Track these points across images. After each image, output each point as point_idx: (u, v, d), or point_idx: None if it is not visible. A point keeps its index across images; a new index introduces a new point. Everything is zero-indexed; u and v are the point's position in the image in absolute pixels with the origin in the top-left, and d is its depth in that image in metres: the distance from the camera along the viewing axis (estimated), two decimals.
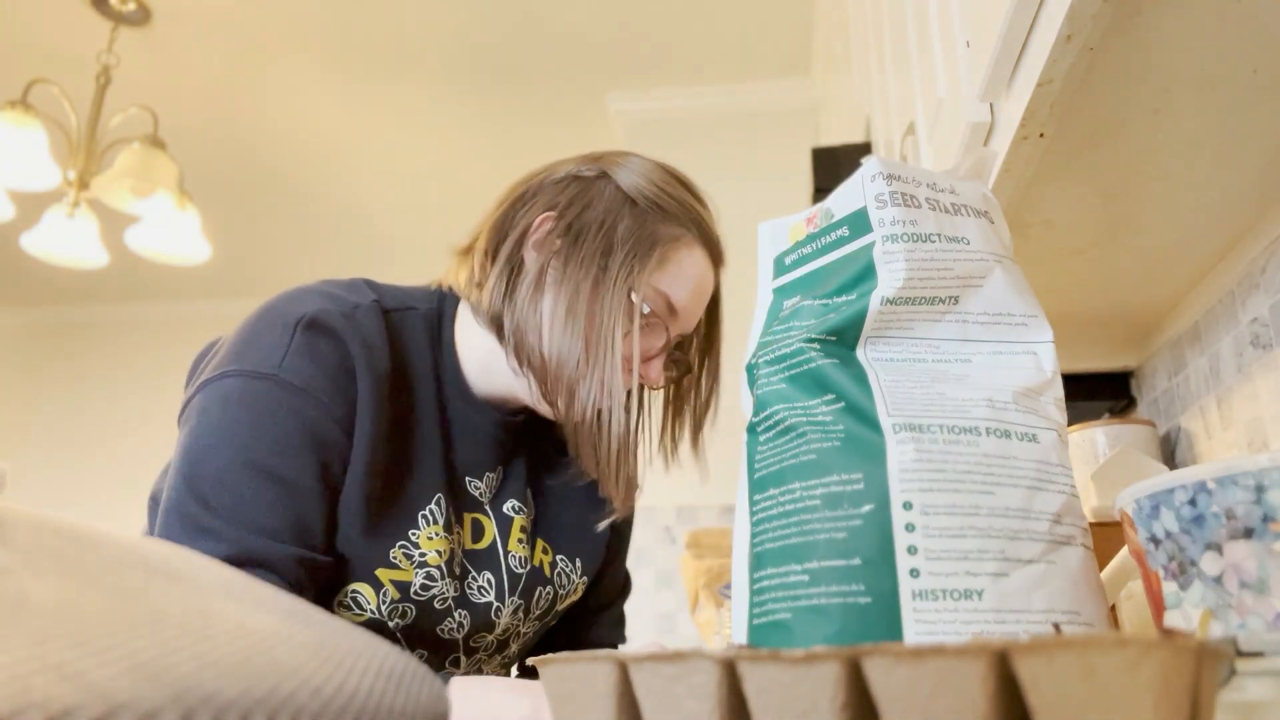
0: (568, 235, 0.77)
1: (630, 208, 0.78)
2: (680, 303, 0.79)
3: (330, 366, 0.69)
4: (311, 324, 0.70)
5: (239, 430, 0.66)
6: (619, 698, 0.31)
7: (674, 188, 0.81)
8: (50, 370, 4.43)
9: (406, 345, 0.77)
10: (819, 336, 0.56)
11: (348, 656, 0.26)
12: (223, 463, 0.66)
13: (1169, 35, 0.60)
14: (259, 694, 0.20)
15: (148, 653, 0.19)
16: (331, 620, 0.30)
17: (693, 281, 0.80)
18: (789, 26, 2.72)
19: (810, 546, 0.51)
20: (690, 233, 0.80)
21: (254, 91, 2.98)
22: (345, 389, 0.70)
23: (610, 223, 0.77)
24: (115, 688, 0.17)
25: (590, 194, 0.79)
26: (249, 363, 0.69)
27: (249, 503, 0.65)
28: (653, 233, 0.78)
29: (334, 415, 0.69)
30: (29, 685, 0.15)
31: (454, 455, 0.78)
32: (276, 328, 0.70)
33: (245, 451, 0.66)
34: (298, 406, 0.67)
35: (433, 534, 0.74)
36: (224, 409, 0.67)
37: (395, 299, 0.79)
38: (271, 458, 0.66)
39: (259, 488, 0.66)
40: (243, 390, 0.67)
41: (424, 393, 0.77)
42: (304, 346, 0.69)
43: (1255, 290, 0.93)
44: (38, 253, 2.39)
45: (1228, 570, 0.40)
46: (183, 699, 0.18)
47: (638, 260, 0.76)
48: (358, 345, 0.71)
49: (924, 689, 0.25)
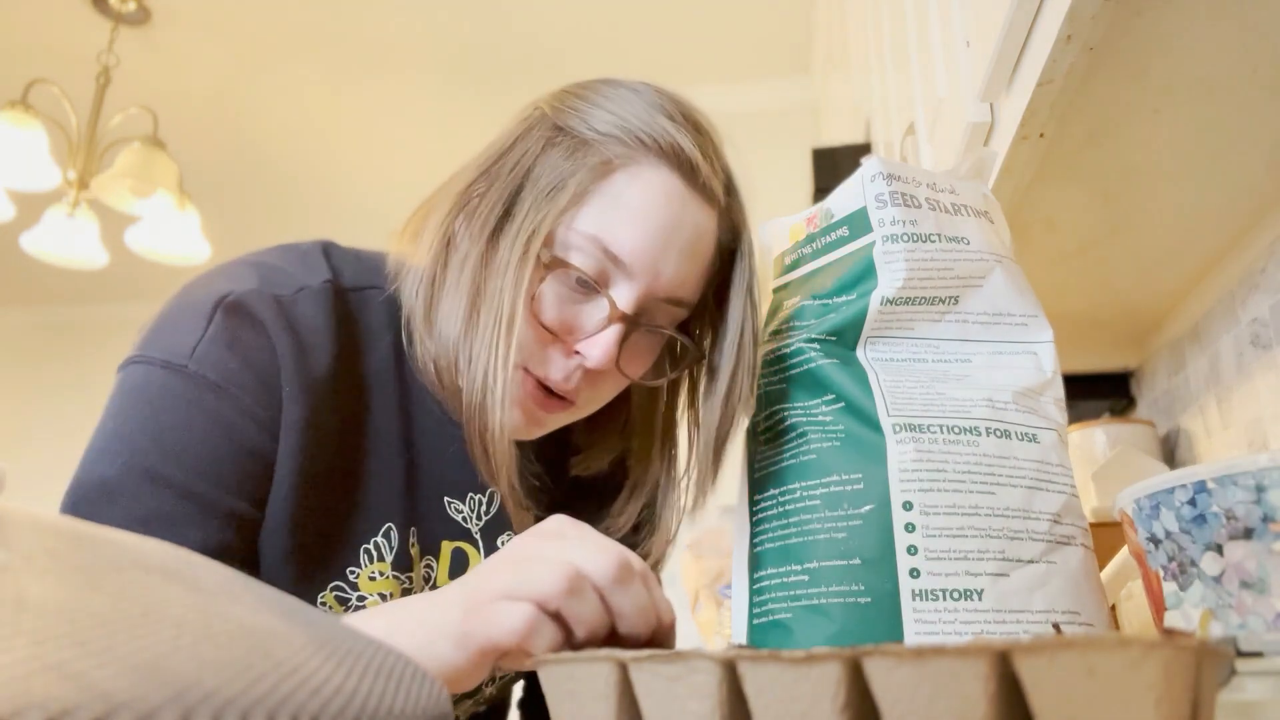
0: (480, 183, 0.61)
1: (554, 136, 0.59)
2: (624, 244, 0.56)
3: (254, 360, 0.56)
4: (233, 307, 0.56)
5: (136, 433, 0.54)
6: (619, 698, 0.31)
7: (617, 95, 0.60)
8: (50, 370, 4.43)
9: (363, 336, 0.62)
10: (819, 336, 0.56)
11: (348, 656, 0.26)
12: (114, 471, 0.53)
13: (1169, 35, 0.60)
14: (259, 694, 0.20)
15: (148, 653, 0.19)
16: (331, 620, 0.30)
17: (642, 213, 0.56)
18: (789, 26, 2.72)
19: (810, 546, 0.51)
20: (634, 152, 0.57)
21: (254, 91, 2.98)
22: (271, 388, 0.56)
23: (527, 162, 0.59)
24: (115, 688, 0.17)
25: (518, 132, 0.61)
26: (159, 348, 0.56)
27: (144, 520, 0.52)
28: (578, 162, 0.57)
29: (257, 418, 0.55)
30: (29, 685, 0.15)
31: (419, 474, 0.63)
32: (194, 308, 0.57)
33: (143, 458, 0.53)
34: (211, 406, 0.55)
35: (376, 573, 0.60)
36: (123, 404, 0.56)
37: (357, 275, 0.64)
38: (173, 466, 0.53)
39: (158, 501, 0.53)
40: (146, 382, 0.55)
41: (380, 398, 0.62)
42: (222, 334, 0.56)
43: (1255, 290, 0.93)
44: (38, 253, 2.39)
45: (1228, 570, 0.40)
46: (182, 699, 0.18)
47: (547, 199, 0.57)
48: (287, 339, 0.57)
49: (925, 690, 0.25)
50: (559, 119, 0.60)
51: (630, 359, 0.60)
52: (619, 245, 0.56)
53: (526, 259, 0.56)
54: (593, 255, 0.56)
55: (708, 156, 0.60)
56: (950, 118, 0.88)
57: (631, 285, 0.57)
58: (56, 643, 0.17)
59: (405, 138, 3.25)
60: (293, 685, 0.22)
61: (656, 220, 0.57)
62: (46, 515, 0.26)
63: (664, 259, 0.57)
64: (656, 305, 0.59)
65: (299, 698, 0.21)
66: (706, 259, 0.61)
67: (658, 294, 0.58)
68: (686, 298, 0.61)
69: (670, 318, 0.61)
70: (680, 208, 0.58)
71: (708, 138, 0.61)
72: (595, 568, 0.42)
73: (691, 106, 0.62)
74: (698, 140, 0.60)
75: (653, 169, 0.58)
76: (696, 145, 0.59)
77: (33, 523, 0.24)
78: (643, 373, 0.63)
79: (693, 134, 0.60)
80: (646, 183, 0.57)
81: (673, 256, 0.58)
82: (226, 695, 0.19)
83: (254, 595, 0.28)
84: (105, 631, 0.19)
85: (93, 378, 4.41)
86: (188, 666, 0.19)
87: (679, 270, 0.59)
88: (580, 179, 0.57)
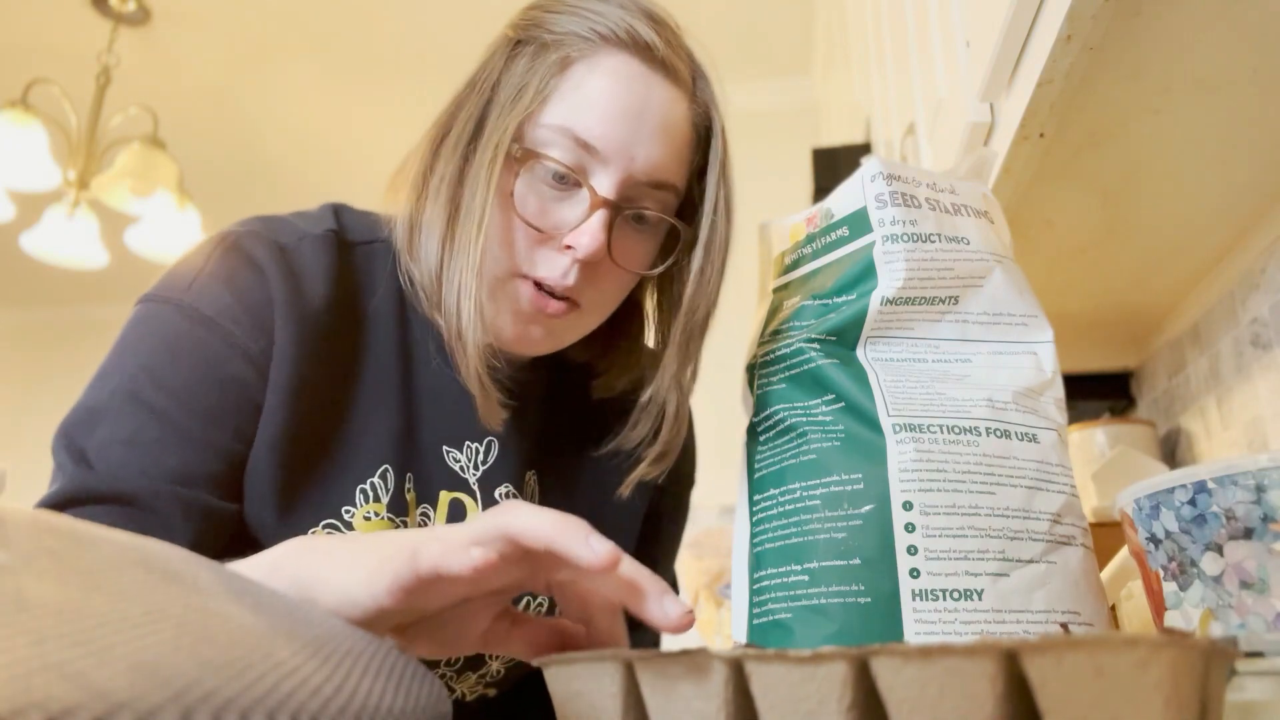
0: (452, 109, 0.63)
1: (516, 49, 0.61)
2: (593, 131, 0.57)
3: (249, 296, 0.58)
4: (233, 246, 0.59)
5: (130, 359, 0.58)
6: (625, 697, 0.31)
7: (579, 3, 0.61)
8: (50, 370, 4.43)
9: (364, 285, 0.64)
10: (819, 336, 0.56)
11: (347, 656, 0.26)
12: (107, 392, 0.57)
13: (1169, 35, 0.60)
14: (259, 694, 0.20)
15: (148, 653, 0.19)
16: (332, 620, 0.30)
17: (607, 99, 0.57)
18: (789, 26, 2.72)
19: (810, 546, 0.51)
20: (591, 44, 0.59)
21: (254, 91, 2.98)
22: (264, 323, 0.58)
23: (492, 77, 0.61)
24: (115, 688, 0.17)
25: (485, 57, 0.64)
26: (161, 285, 0.60)
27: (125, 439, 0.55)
28: (539, 65, 0.59)
29: (247, 352, 0.57)
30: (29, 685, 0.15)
31: (418, 421, 0.64)
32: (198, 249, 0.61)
33: (131, 382, 0.56)
34: (200, 337, 0.57)
35: (371, 513, 0.61)
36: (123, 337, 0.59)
37: (365, 231, 0.66)
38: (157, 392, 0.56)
39: (140, 423, 0.55)
40: (145, 315, 0.59)
41: (380, 343, 0.63)
42: (220, 270, 0.58)
43: (1255, 290, 0.93)
44: (38, 253, 2.39)
45: (1228, 570, 0.40)
46: (182, 699, 0.18)
47: (513, 104, 0.58)
48: (282, 276, 0.59)
49: (932, 689, 0.25)
50: (519, 34, 0.62)
51: (624, 251, 0.61)
52: (588, 131, 0.57)
53: (496, 159, 0.57)
54: (565, 147, 0.57)
55: (665, 39, 0.61)
56: (950, 118, 0.88)
57: (608, 170, 0.58)
58: (56, 643, 0.17)
59: (405, 137, 3.24)
60: (293, 685, 0.22)
61: (622, 102, 0.58)
62: (47, 515, 0.26)
63: (636, 140, 0.58)
64: (640, 190, 0.60)
65: (299, 697, 0.21)
66: (682, 139, 0.61)
67: (637, 177, 0.59)
68: (669, 180, 0.61)
69: (659, 203, 0.61)
70: (644, 88, 0.59)
71: (665, 24, 0.62)
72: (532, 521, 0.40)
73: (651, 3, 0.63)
74: (653, 25, 0.61)
75: (610, 55, 0.59)
76: (652, 29, 0.60)
77: (33, 523, 0.24)
78: (642, 264, 0.63)
79: (647, 20, 0.61)
80: (606, 69, 0.58)
81: (645, 136, 0.58)
82: (226, 695, 0.19)
83: (254, 595, 0.28)
84: (105, 631, 0.19)
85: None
86: (188, 666, 0.19)
87: (654, 151, 0.59)
88: (541, 76, 0.58)
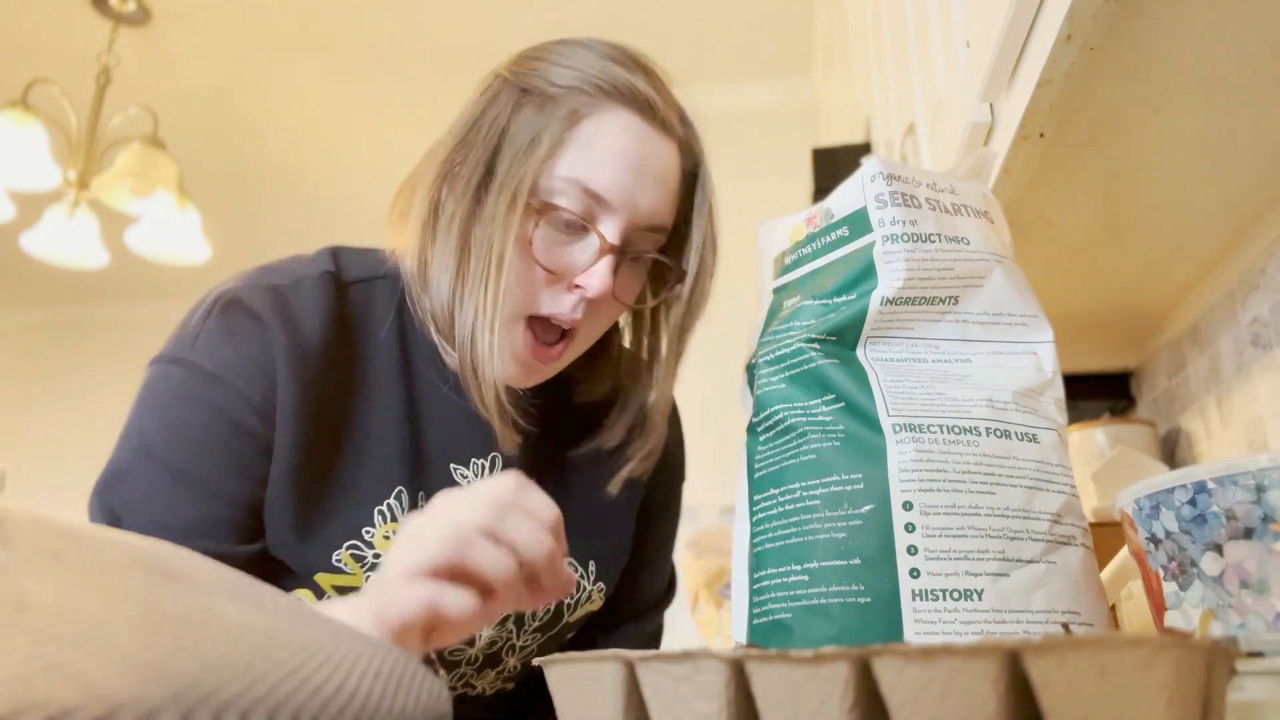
0: (458, 152, 0.66)
1: (523, 98, 0.65)
2: (602, 183, 0.62)
3: (248, 348, 0.62)
4: (230, 303, 0.63)
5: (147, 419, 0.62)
6: (626, 697, 0.31)
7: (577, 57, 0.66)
8: (50, 370, 4.43)
9: (367, 322, 0.68)
10: (819, 336, 0.56)
11: (348, 657, 0.26)
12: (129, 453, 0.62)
13: (1169, 35, 0.60)
14: (259, 693, 0.20)
15: (148, 653, 0.19)
16: (332, 621, 0.30)
17: (614, 153, 0.63)
18: (789, 26, 2.72)
19: (810, 546, 0.51)
20: (596, 100, 0.64)
21: (254, 91, 2.98)
22: (265, 371, 0.62)
23: (499, 124, 0.65)
24: (115, 688, 0.17)
25: (485, 100, 0.67)
26: (168, 346, 0.64)
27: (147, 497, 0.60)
28: (547, 118, 0.63)
29: (251, 402, 0.61)
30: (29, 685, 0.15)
31: (425, 440, 0.68)
32: (199, 309, 0.65)
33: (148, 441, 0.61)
34: (207, 393, 0.61)
35: (390, 533, 0.65)
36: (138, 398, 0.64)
37: (360, 268, 0.70)
38: (172, 449, 0.61)
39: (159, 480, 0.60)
40: (155, 376, 0.63)
41: (381, 372, 0.67)
42: (220, 327, 0.63)
43: (1255, 290, 0.93)
44: (38, 253, 2.39)
45: (1228, 570, 0.40)
46: (182, 699, 0.18)
47: (525, 154, 0.63)
48: (278, 322, 0.63)
49: (935, 689, 0.25)
50: (522, 81, 0.66)
51: (622, 287, 0.67)
52: (598, 184, 0.62)
53: (515, 206, 0.62)
54: (576, 197, 0.63)
55: (661, 94, 0.67)
56: (950, 118, 0.87)
57: (614, 218, 0.64)
58: (57, 643, 0.17)
59: (405, 137, 3.25)
60: (293, 685, 0.22)
61: (627, 157, 0.64)
62: (47, 515, 0.26)
63: (639, 191, 0.64)
64: (638, 234, 0.66)
65: (299, 698, 0.21)
66: (674, 184, 0.68)
67: (639, 223, 0.65)
68: (663, 223, 0.67)
69: (653, 244, 0.68)
70: (646, 143, 0.65)
71: (657, 78, 0.68)
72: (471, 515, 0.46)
73: (639, 52, 0.69)
74: (650, 81, 0.67)
75: (615, 112, 0.64)
76: (650, 85, 0.66)
77: (33, 523, 0.24)
78: (635, 297, 0.70)
79: (645, 76, 0.67)
80: (613, 125, 0.64)
81: (646, 186, 0.64)
82: (226, 695, 0.19)
83: (254, 595, 0.28)
84: (105, 631, 0.19)
85: (92, 378, 4.41)
86: (188, 666, 0.19)
87: (653, 198, 0.65)
88: (553, 130, 0.63)
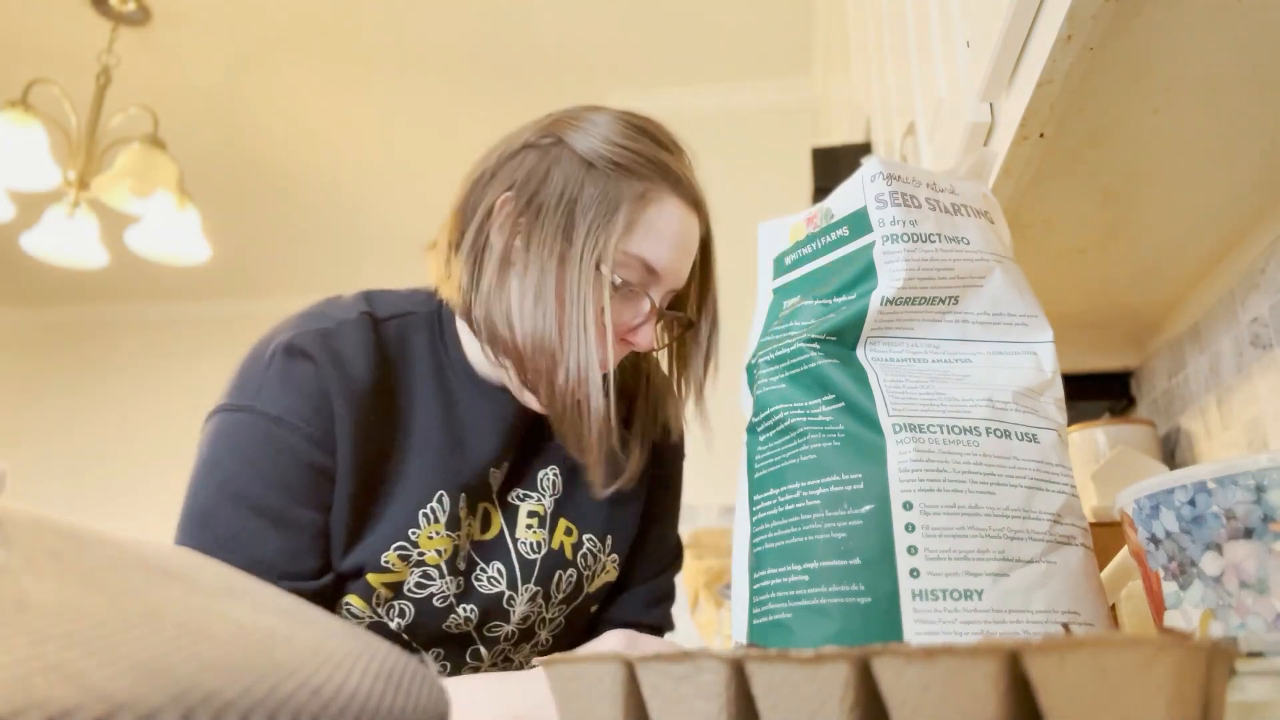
0: (528, 212, 0.75)
1: (589, 172, 0.75)
2: (660, 262, 0.76)
3: (306, 390, 0.71)
4: (286, 350, 0.72)
5: (221, 465, 0.70)
6: (626, 697, 0.31)
7: (633, 140, 0.77)
8: (50, 370, 4.43)
9: (403, 352, 0.78)
10: (819, 336, 0.56)
11: (348, 656, 0.26)
12: (207, 499, 0.69)
13: (1169, 35, 0.60)
14: (259, 694, 0.20)
15: (148, 653, 0.19)
16: (332, 620, 0.30)
17: (670, 236, 0.76)
18: (789, 26, 2.72)
19: (810, 546, 0.51)
20: (657, 185, 0.76)
21: (254, 91, 2.98)
22: (322, 410, 0.71)
23: (570, 193, 0.74)
24: (115, 688, 0.17)
25: (547, 164, 0.76)
26: (232, 396, 0.72)
27: (231, 537, 0.68)
28: (615, 195, 0.74)
29: (313, 439, 0.70)
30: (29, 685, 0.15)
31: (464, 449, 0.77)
32: (258, 359, 0.74)
33: (227, 486, 0.69)
34: (275, 435, 0.70)
35: (434, 533, 0.74)
36: (210, 445, 0.71)
37: (392, 307, 0.80)
38: (252, 486, 0.69)
39: (243, 520, 0.68)
40: (224, 424, 0.71)
41: (423, 393, 0.77)
42: (279, 373, 0.71)
43: (1255, 290, 0.93)
44: (38, 253, 2.39)
45: (1228, 570, 0.40)
46: (183, 699, 0.18)
47: (602, 230, 0.73)
48: (330, 363, 0.72)
49: (935, 690, 0.25)
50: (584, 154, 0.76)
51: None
52: (657, 262, 0.76)
53: (601, 272, 0.73)
54: (637, 269, 0.76)
55: (692, 174, 0.80)
56: (950, 118, 0.87)
57: (661, 286, 0.78)
58: (57, 643, 0.17)
59: (405, 138, 3.25)
60: (293, 686, 0.22)
61: (677, 240, 0.77)
62: (47, 515, 0.26)
63: (681, 265, 0.78)
64: (670, 295, 0.80)
65: (299, 698, 0.21)
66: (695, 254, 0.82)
67: (675, 289, 0.80)
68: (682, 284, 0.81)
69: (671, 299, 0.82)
70: (688, 225, 0.78)
71: (687, 158, 0.82)
72: None
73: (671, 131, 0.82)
74: (684, 162, 0.80)
75: (670, 197, 0.77)
76: (685, 168, 0.80)
77: (33, 523, 0.24)
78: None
79: (686, 161, 0.81)
80: (670, 213, 0.77)
81: (684, 261, 0.79)
82: (226, 696, 0.19)
83: (254, 595, 0.28)
84: (105, 631, 0.19)
85: (92, 378, 4.41)
86: (188, 667, 0.19)
87: (685, 269, 0.80)
88: (627, 211, 0.74)
